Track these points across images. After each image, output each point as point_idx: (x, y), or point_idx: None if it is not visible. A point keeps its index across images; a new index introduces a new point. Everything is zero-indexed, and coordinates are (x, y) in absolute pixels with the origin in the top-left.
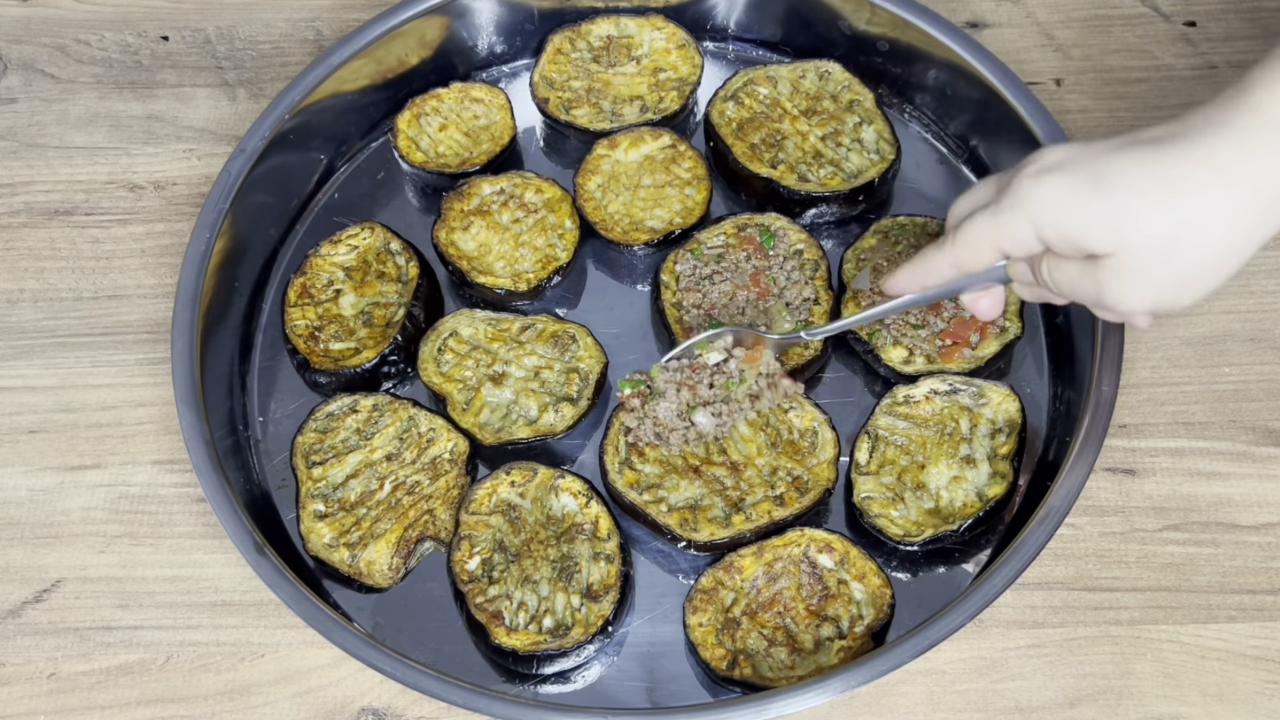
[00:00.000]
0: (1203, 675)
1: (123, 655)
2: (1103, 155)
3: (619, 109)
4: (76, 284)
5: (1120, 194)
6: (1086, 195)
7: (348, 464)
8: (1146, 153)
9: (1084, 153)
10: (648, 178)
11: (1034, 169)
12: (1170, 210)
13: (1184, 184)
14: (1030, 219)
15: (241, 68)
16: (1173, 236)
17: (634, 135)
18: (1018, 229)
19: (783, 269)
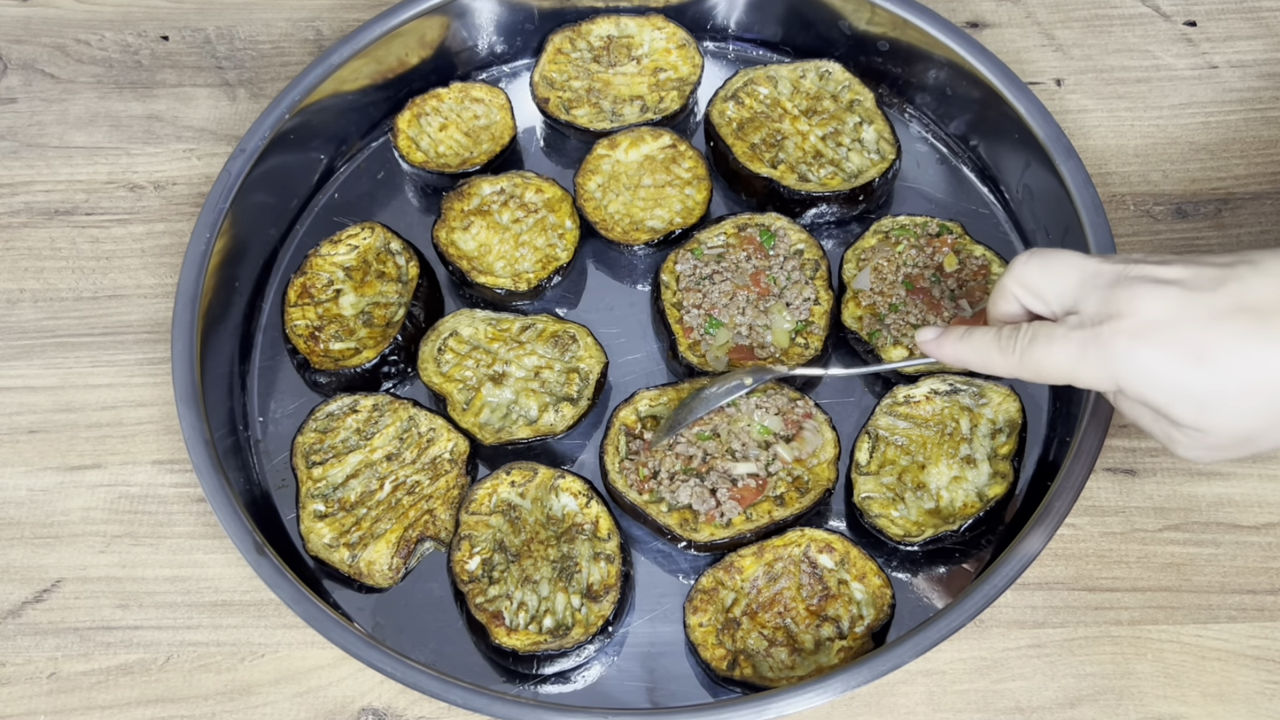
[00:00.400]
0: (1203, 675)
1: (123, 655)
2: (1206, 324)
3: (619, 109)
4: (76, 284)
5: (1219, 379)
6: (1183, 373)
7: (348, 464)
8: (1252, 327)
9: (1187, 313)
10: (648, 178)
11: (1132, 325)
12: (1266, 402)
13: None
14: (1114, 378)
15: (241, 67)
16: (1266, 426)
17: (634, 135)
18: (1098, 379)
19: (783, 269)
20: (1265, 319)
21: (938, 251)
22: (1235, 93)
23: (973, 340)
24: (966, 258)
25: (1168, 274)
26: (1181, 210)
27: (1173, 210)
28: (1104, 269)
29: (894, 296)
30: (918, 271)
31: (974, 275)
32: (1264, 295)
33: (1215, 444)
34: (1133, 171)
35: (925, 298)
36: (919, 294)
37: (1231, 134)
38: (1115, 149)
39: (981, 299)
